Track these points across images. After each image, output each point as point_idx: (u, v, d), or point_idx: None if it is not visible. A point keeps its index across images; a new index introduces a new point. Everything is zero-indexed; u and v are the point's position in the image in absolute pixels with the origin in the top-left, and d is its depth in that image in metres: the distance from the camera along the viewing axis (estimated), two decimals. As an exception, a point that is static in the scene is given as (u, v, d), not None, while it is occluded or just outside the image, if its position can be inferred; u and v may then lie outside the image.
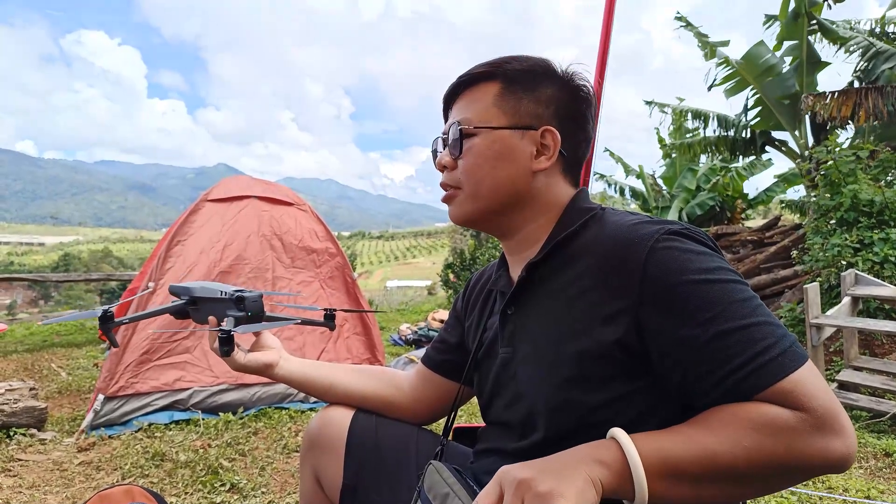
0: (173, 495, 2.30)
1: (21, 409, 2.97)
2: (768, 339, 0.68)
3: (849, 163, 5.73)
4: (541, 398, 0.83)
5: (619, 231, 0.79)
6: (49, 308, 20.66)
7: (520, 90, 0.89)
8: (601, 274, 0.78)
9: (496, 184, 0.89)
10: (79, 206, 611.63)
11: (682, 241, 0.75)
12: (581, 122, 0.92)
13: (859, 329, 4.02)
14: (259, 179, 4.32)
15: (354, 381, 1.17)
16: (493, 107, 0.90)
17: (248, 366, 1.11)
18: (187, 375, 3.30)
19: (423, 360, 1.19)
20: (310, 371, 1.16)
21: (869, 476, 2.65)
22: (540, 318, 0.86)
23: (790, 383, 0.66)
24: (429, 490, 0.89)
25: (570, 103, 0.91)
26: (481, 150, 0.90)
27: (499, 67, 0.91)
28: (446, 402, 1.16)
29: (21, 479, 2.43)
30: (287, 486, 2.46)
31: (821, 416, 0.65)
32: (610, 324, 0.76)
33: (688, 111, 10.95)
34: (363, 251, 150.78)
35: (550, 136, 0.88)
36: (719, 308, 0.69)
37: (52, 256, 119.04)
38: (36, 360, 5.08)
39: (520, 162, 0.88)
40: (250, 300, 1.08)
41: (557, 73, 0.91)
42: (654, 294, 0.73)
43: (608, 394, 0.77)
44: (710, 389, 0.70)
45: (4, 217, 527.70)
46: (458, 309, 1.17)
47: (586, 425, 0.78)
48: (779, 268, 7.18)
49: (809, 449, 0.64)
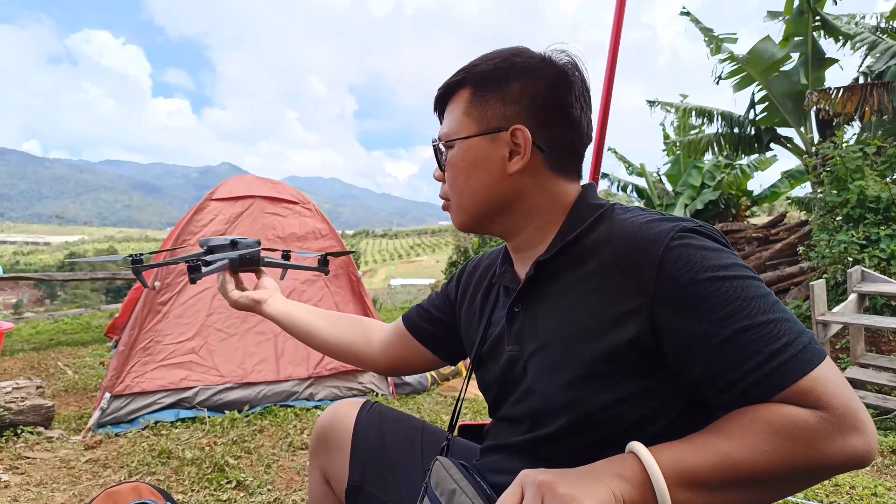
0: (180, 492, 2.31)
1: (28, 407, 2.99)
2: (786, 336, 0.67)
3: (855, 159, 5.71)
4: (549, 395, 0.82)
5: (632, 229, 0.78)
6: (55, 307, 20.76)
7: (487, 92, 0.87)
8: (613, 273, 0.77)
9: (474, 193, 0.89)
10: (84, 205, 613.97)
11: (697, 238, 0.74)
12: (559, 110, 0.86)
13: (865, 326, 4.01)
14: (263, 178, 4.33)
15: (329, 330, 1.22)
16: (464, 115, 0.89)
17: (239, 301, 1.24)
18: (192, 374, 3.32)
19: (404, 320, 1.20)
20: (294, 314, 1.24)
21: (876, 473, 2.64)
22: (549, 316, 0.85)
23: (809, 381, 0.65)
24: (436, 486, 0.89)
25: (544, 92, 0.85)
26: (456, 163, 0.90)
27: (468, 72, 0.89)
28: (412, 362, 1.19)
29: (29, 477, 2.45)
30: (293, 483, 2.47)
31: (841, 414, 0.64)
32: (623, 323, 0.75)
33: (692, 108, 10.92)
34: (367, 249, 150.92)
35: (521, 134, 0.85)
36: (737, 305, 0.68)
37: (57, 255, 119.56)
38: (42, 359, 5.10)
39: (493, 168, 0.87)
40: (243, 244, 1.27)
41: (529, 62, 0.87)
42: (670, 292, 0.71)
43: (617, 392, 0.76)
44: (727, 388, 0.69)
45: (10, 217, 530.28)
46: (450, 290, 1.16)
47: (594, 422, 0.78)
48: (784, 265, 7.16)
49: (831, 448, 0.64)
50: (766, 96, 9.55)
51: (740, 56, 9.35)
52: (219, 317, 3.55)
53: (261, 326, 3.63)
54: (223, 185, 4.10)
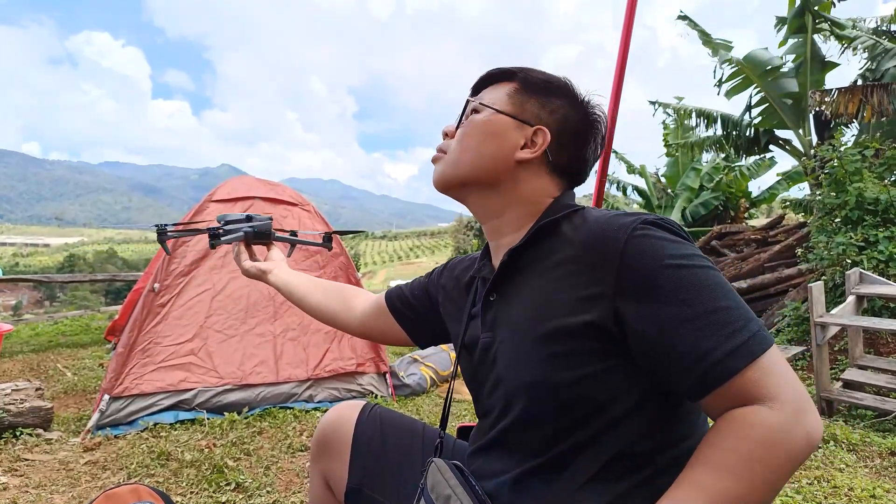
0: (179, 494, 2.32)
1: (27, 409, 2.99)
2: (737, 322, 0.71)
3: (854, 161, 5.71)
4: (514, 378, 0.86)
5: (598, 223, 0.83)
6: (54, 308, 20.73)
7: (532, 93, 0.96)
8: (581, 261, 0.82)
9: (477, 156, 0.96)
10: (83, 207, 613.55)
11: (657, 230, 0.79)
12: (580, 141, 0.95)
13: (864, 328, 4.01)
14: (263, 180, 4.34)
15: (318, 298, 1.35)
16: (507, 96, 0.96)
17: (249, 270, 1.40)
18: (192, 376, 3.32)
19: (386, 297, 1.29)
20: (292, 283, 1.37)
21: (874, 475, 2.64)
22: (519, 303, 0.89)
23: (758, 368, 0.69)
24: (431, 489, 0.90)
25: (575, 121, 0.95)
26: (477, 124, 0.97)
27: (521, 70, 0.98)
28: (386, 334, 1.30)
29: (27, 479, 2.45)
30: (292, 485, 2.47)
31: (793, 400, 0.68)
32: (584, 307, 0.79)
33: (691, 110, 10.93)
34: (366, 251, 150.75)
35: (542, 134, 0.93)
36: (692, 293, 0.72)
37: (57, 257, 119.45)
38: (42, 361, 5.11)
39: (505, 145, 0.94)
40: (257, 219, 1.44)
41: (573, 93, 0.96)
42: (631, 279, 0.76)
43: (580, 371, 0.79)
44: (684, 372, 0.72)
45: (9, 218, 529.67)
46: (431, 279, 1.24)
47: (557, 404, 0.81)
48: (783, 266, 7.16)
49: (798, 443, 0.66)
50: (765, 98, 9.56)
51: (738, 59, 9.37)
52: (218, 318, 3.55)
53: (260, 328, 3.63)
54: (223, 186, 4.10)
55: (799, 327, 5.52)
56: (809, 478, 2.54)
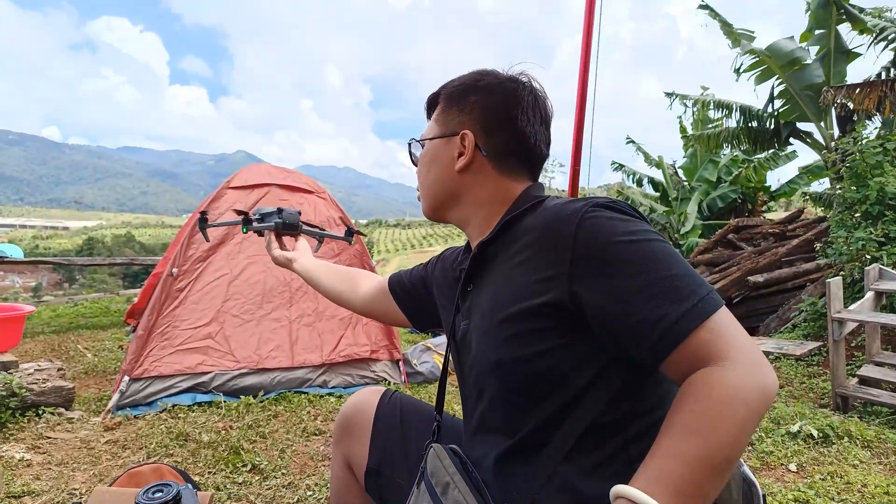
0: (197, 474, 2.37)
1: (49, 388, 3.06)
2: (687, 287, 0.75)
3: (875, 154, 5.60)
4: (485, 361, 0.91)
5: (555, 209, 0.89)
6: (73, 290, 21.06)
7: (452, 105, 1.04)
8: (538, 247, 0.87)
9: (430, 185, 1.08)
10: (102, 191, 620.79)
11: (605, 211, 0.83)
12: (504, 121, 1.00)
13: (882, 324, 3.96)
14: (279, 167, 4.37)
15: (331, 282, 1.48)
16: (434, 122, 1.08)
17: (278, 258, 1.55)
18: (209, 359, 3.38)
19: (389, 281, 1.38)
20: (311, 270, 1.50)
21: (889, 472, 2.63)
22: (489, 290, 0.95)
23: (708, 329, 0.72)
24: (431, 474, 0.93)
25: (493, 105, 1.01)
26: (421, 159, 1.10)
27: (443, 89, 1.07)
28: (387, 315, 1.39)
29: (50, 457, 2.52)
30: (306, 468, 2.52)
31: (745, 356, 0.70)
32: (542, 288, 0.84)
33: (710, 101, 10.76)
34: (380, 239, 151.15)
35: (466, 137, 1.01)
36: (643, 265, 0.77)
37: (76, 240, 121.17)
38: (62, 342, 5.21)
39: (444, 164, 1.04)
40: (287, 212, 1.57)
41: (489, 81, 1.02)
42: (584, 258, 0.80)
43: (541, 346, 0.84)
44: (640, 340, 0.75)
45: (29, 201, 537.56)
46: (428, 269, 1.31)
47: (521, 379, 0.86)
48: (801, 261, 7.07)
49: (754, 396, 0.68)
50: (786, 90, 9.39)
51: (760, 50, 9.20)
52: (235, 303, 3.60)
53: (276, 314, 3.68)
54: (240, 173, 4.14)
55: (816, 322, 5.46)
56: (822, 473, 2.54)
